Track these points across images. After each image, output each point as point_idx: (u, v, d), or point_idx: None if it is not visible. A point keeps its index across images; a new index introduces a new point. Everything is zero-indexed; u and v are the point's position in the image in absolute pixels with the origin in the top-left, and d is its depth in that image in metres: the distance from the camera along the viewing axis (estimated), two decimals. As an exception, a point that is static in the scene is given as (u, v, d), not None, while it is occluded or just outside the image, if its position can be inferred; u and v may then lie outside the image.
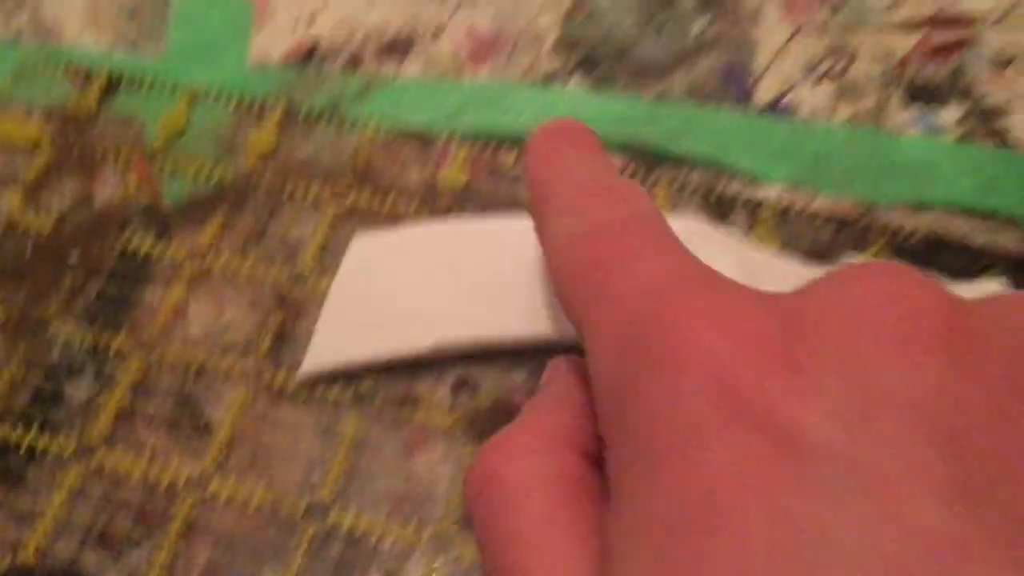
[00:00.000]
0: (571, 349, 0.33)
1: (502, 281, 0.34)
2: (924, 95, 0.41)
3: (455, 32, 0.43)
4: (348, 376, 0.33)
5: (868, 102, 0.40)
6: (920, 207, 0.37)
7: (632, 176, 0.38)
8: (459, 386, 0.33)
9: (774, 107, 0.41)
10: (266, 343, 0.34)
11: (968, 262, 0.35)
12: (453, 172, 0.38)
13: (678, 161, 0.39)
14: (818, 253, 0.35)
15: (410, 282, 0.34)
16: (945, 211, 0.37)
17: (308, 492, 0.31)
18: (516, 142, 0.39)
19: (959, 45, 0.42)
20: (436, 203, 0.37)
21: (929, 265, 0.35)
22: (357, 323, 0.33)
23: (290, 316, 0.35)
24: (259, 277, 0.36)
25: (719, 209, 0.37)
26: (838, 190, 0.38)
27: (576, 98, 0.41)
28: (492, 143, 0.39)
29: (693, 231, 0.35)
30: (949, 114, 0.40)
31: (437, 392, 0.33)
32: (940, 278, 0.33)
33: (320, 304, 0.34)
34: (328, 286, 0.34)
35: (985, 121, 0.39)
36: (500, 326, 0.33)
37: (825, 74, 0.41)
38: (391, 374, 0.33)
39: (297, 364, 0.33)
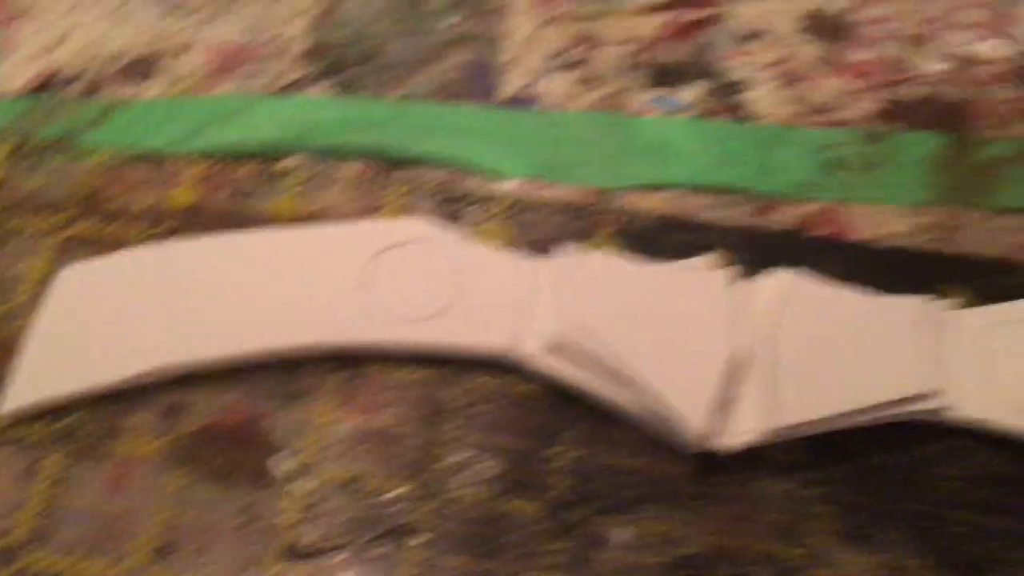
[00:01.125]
0: (296, 363, 0.31)
1: (214, 300, 0.33)
2: (668, 77, 0.40)
3: (201, 48, 0.42)
4: (53, 413, 0.32)
5: (611, 87, 0.40)
6: (655, 188, 0.37)
7: (368, 182, 0.37)
8: (169, 412, 0.32)
9: (516, 100, 0.40)
10: (-26, 385, 0.33)
11: (696, 240, 0.34)
12: (183, 191, 0.37)
13: (417, 163, 0.38)
14: (544, 244, 0.35)
15: (118, 310, 0.33)
16: (680, 190, 0.37)
17: (4, 533, 0.30)
18: (252, 156, 0.38)
19: (706, 23, 0.42)
20: (164, 224, 0.36)
21: (656, 244, 0.34)
22: (62, 357, 0.32)
23: (2, 356, 0.33)
24: (-28, 316, 0.34)
25: (453, 208, 0.36)
26: (575, 179, 0.37)
27: (317, 105, 0.40)
28: (228, 159, 0.38)
29: (415, 235, 0.34)
30: (691, 93, 0.39)
31: (146, 420, 0.32)
32: (664, 258, 0.33)
33: (30, 339, 0.33)
34: (40, 320, 0.33)
35: (723, 97, 0.39)
36: (209, 346, 0.32)
37: (569, 64, 0.41)
38: (97, 406, 0.32)
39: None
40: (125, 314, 0.33)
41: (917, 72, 0.39)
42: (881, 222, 0.35)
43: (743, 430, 0.28)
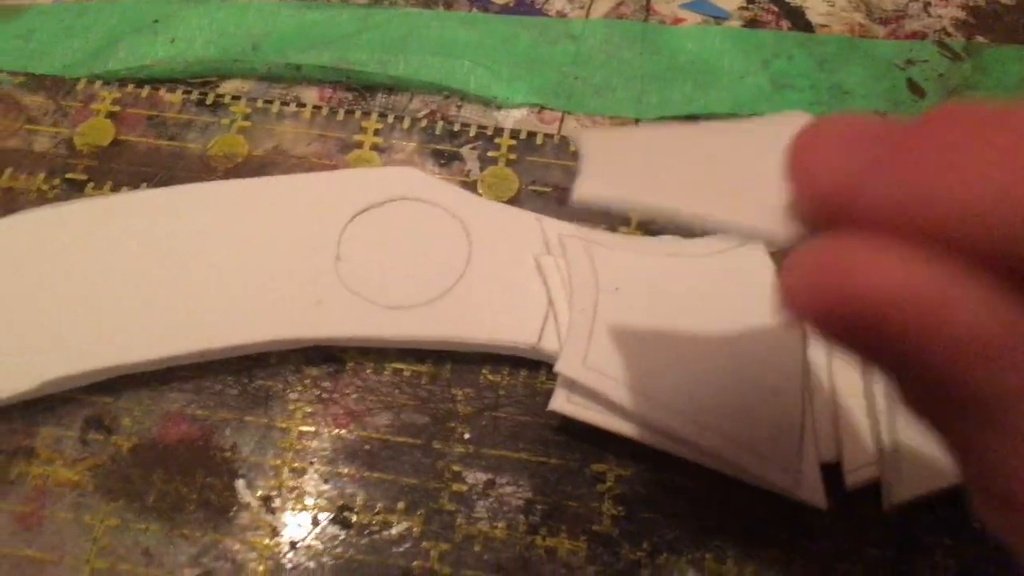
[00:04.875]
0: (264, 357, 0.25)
1: (145, 281, 0.25)
2: (701, -25, 0.33)
3: (108, -63, 0.33)
4: (-64, 429, 0.24)
5: (633, -11, 0.32)
6: (693, 119, 0.30)
7: (337, 111, 0.29)
8: (90, 427, 0.24)
9: (517, 6, 0.32)
10: None
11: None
12: (95, 126, 0.29)
13: (394, 87, 0.30)
14: (561, 194, 0.28)
15: (17, 295, 0.25)
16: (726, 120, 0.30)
17: None
18: (183, 78, 0.30)
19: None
20: (72, 171, 0.28)
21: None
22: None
23: None
24: None
25: (447, 145, 0.29)
26: (593, 108, 0.30)
27: (263, 13, 0.31)
28: (149, 84, 0.30)
29: (402, 189, 0.26)
30: (731, -3, 0.32)
31: (61, 439, 0.24)
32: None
33: None
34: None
35: (775, 0, 0.32)
36: (141, 344, 0.24)
37: (580, -42, 0.33)
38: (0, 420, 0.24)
39: None
40: (27, 301, 0.25)
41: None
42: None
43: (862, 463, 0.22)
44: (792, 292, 0.13)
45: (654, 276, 0.24)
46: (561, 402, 0.23)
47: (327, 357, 0.25)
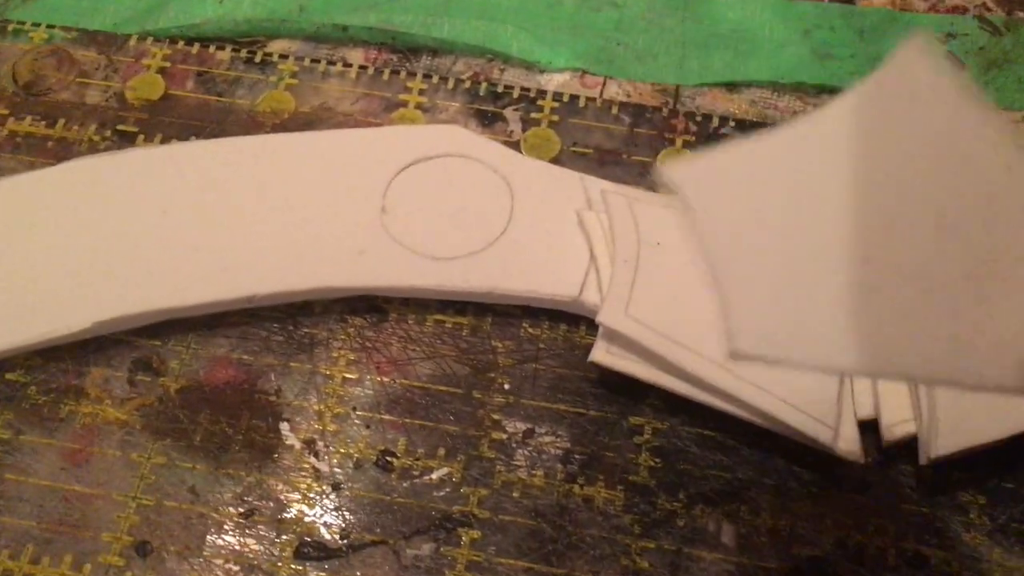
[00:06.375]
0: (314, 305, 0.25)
1: (195, 228, 0.26)
2: (744, -54, 0.33)
3: (159, -100, 0.34)
4: (-10, 367, 0.25)
5: (676, -41, 0.33)
6: (734, 87, 0.30)
7: (382, 72, 0.30)
8: (139, 368, 0.25)
9: (560, -28, 0.32)
10: None
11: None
12: (146, 80, 0.29)
13: (438, 49, 0.31)
14: (612, 154, 0.28)
15: (65, 239, 0.25)
16: (765, 89, 0.30)
17: (-67, 529, 0.23)
18: (231, 37, 0.31)
19: None
20: (123, 123, 0.29)
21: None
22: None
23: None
24: None
25: (488, 107, 0.29)
26: (634, 74, 0.30)
27: (310, -24, 0.32)
28: (198, 42, 0.30)
29: (450, 146, 0.27)
30: (773, -32, 0.32)
31: (110, 379, 0.25)
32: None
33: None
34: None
35: (815, -27, 0.32)
36: (191, 289, 0.25)
37: (623, -73, 0.33)
38: (48, 359, 0.25)
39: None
40: (81, 245, 0.25)
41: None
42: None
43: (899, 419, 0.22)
44: None
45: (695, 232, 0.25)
46: (601, 353, 0.24)
47: (370, 307, 0.26)
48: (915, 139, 0.15)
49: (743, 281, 0.16)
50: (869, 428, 0.23)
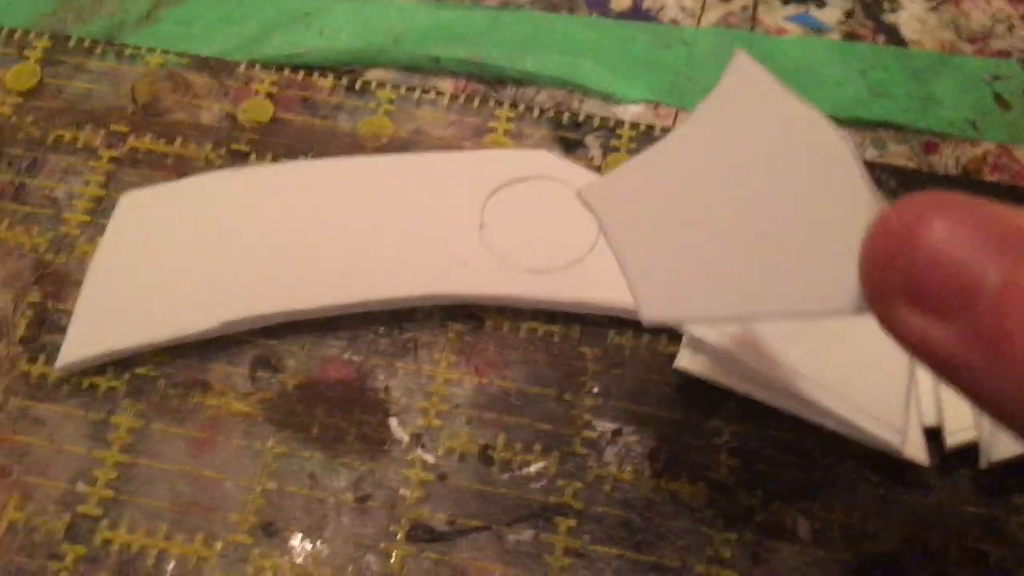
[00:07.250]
0: (404, 313, 0.28)
1: (307, 237, 0.28)
2: (803, -9, 0.36)
3: (261, -62, 0.36)
4: (121, 362, 0.27)
5: (741, 1, 0.35)
6: (799, 120, 0.32)
7: (470, 101, 0.32)
8: (259, 365, 0.27)
9: (633, 12, 0.35)
10: (22, 326, 0.28)
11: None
12: (256, 104, 0.32)
13: (522, 81, 0.33)
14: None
15: (192, 246, 0.28)
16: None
17: (72, 505, 0.25)
18: (332, 66, 0.33)
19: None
20: (236, 142, 0.31)
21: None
22: (127, 300, 0.27)
23: (51, 292, 0.28)
24: (14, 244, 0.29)
25: (570, 135, 0.32)
26: (707, 105, 0.33)
27: (404, 11, 0.35)
28: (303, 69, 0.33)
29: (539, 168, 0.29)
30: (832, 11, 0.35)
31: (232, 375, 0.27)
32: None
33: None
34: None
35: (871, 16, 0.35)
36: (305, 295, 0.27)
37: (692, -29, 0.36)
38: (175, 355, 0.27)
39: (59, 350, 0.27)
40: (208, 252, 0.28)
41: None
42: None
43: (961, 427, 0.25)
44: None
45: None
46: (686, 361, 0.26)
47: (468, 315, 0.28)
48: (753, 134, 0.19)
49: (644, 263, 0.20)
50: (932, 435, 0.25)
